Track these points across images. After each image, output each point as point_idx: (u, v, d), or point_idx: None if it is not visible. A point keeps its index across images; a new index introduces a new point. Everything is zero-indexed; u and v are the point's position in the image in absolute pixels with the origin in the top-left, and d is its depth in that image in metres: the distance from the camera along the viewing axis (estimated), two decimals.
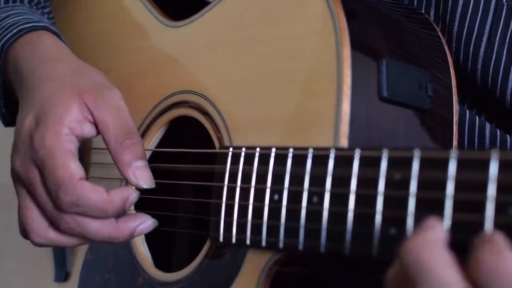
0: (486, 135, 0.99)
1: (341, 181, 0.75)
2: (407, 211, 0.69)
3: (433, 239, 0.62)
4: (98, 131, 0.96)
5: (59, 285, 1.20)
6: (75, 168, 0.91)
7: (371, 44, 0.85)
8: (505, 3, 0.97)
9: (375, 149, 0.73)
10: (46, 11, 1.21)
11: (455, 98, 0.90)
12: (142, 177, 0.93)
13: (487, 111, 1.02)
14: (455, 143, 0.89)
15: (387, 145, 0.74)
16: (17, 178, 0.96)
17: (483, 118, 1.01)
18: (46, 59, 1.03)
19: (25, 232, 0.97)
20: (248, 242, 0.85)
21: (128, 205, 0.92)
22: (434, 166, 0.67)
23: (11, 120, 1.14)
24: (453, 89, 0.91)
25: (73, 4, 1.29)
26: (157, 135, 1.08)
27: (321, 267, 0.86)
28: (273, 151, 0.84)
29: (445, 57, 0.92)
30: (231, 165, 0.89)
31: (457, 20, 0.99)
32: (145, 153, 0.95)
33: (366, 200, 0.73)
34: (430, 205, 0.67)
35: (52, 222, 0.94)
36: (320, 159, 0.78)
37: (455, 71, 0.92)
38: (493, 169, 0.63)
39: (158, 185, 0.95)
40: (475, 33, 0.98)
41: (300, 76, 0.86)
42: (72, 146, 0.93)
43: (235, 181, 0.88)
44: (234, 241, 0.88)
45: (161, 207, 1.03)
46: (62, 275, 1.19)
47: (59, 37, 1.09)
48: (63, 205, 0.90)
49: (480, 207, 0.63)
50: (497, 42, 0.97)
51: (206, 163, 0.94)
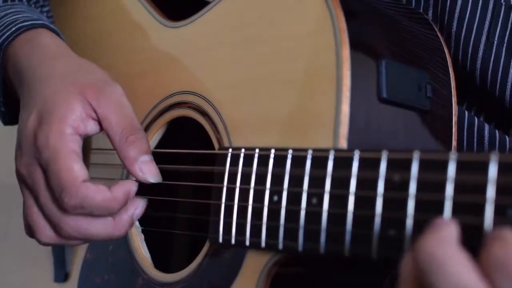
0: (485, 136, 0.99)
1: (340, 183, 0.75)
2: (407, 212, 0.69)
3: (447, 236, 0.62)
4: (101, 128, 0.96)
5: (59, 286, 1.20)
6: (79, 170, 0.91)
7: (370, 44, 0.85)
8: (503, 3, 0.97)
9: (374, 151, 0.73)
10: (45, 10, 1.21)
11: (454, 98, 0.90)
12: (149, 172, 0.94)
13: (486, 111, 1.02)
14: (454, 143, 0.89)
15: (386, 146, 0.74)
16: (21, 179, 0.96)
17: (482, 118, 1.01)
18: (46, 57, 1.03)
19: (31, 231, 0.97)
20: (247, 243, 0.85)
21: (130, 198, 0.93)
22: (433, 167, 0.67)
23: (10, 119, 1.14)
24: (452, 89, 0.91)
25: (72, 3, 1.28)
26: (156, 135, 1.08)
27: (321, 268, 0.86)
28: (273, 152, 0.84)
29: (444, 57, 0.92)
30: (231, 166, 0.89)
31: (456, 20, 0.99)
32: (150, 148, 0.95)
33: (365, 201, 0.73)
34: (429, 206, 0.67)
35: (54, 226, 0.94)
36: (319, 160, 0.78)
37: (453, 71, 0.92)
38: (493, 171, 0.63)
39: (157, 185, 0.96)
40: (473, 33, 0.98)
41: (299, 76, 0.86)
42: (75, 145, 0.93)
43: (235, 182, 0.88)
44: (233, 242, 0.88)
45: (161, 207, 1.03)
46: (61, 275, 1.19)
47: (58, 35, 1.09)
48: (68, 207, 0.90)
49: (479, 209, 0.63)
50: (495, 41, 0.97)
51: (205, 164, 0.94)
